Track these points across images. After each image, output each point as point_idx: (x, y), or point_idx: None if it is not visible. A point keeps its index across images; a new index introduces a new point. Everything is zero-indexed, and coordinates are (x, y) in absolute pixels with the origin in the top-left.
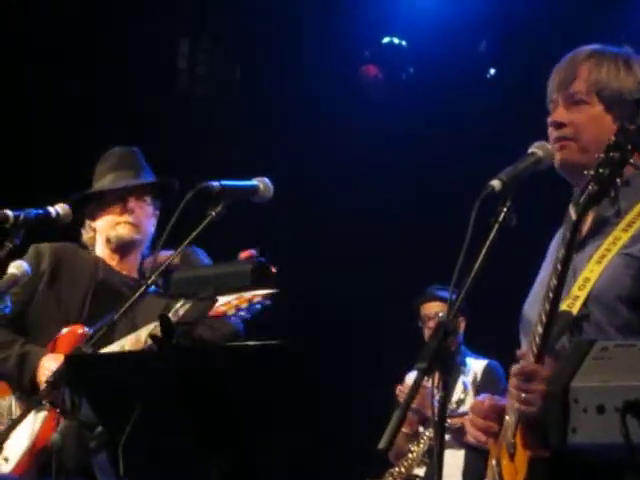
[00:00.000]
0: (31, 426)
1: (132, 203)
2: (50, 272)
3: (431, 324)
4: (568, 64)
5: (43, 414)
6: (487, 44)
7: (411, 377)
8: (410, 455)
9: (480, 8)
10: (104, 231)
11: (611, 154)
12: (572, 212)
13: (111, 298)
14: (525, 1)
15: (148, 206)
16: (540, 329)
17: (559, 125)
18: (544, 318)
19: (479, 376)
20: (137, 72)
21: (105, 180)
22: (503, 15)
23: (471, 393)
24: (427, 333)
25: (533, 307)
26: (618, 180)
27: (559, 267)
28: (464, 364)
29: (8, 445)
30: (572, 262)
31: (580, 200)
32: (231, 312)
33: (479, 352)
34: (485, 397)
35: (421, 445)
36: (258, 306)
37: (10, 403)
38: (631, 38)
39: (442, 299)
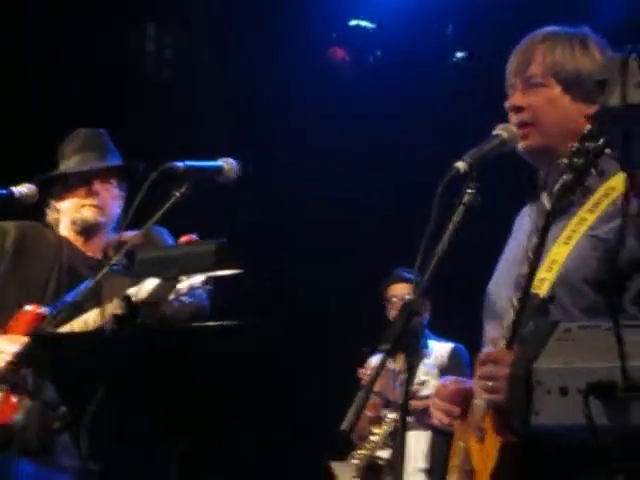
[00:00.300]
0: None
1: (97, 185)
2: (14, 250)
3: (397, 305)
4: (524, 48)
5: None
6: (454, 27)
7: (375, 360)
8: (373, 437)
9: None
10: (69, 213)
11: (586, 144)
12: (545, 201)
13: (75, 279)
14: None
15: (114, 188)
16: (512, 315)
17: (517, 109)
18: (517, 305)
19: (444, 359)
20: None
21: (71, 162)
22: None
23: (434, 375)
24: (392, 314)
25: (499, 289)
26: (593, 170)
27: (531, 255)
28: (426, 346)
29: None
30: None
31: (554, 190)
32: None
33: (443, 335)
34: (449, 379)
35: (384, 427)
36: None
37: None
38: (597, 22)
39: (408, 280)
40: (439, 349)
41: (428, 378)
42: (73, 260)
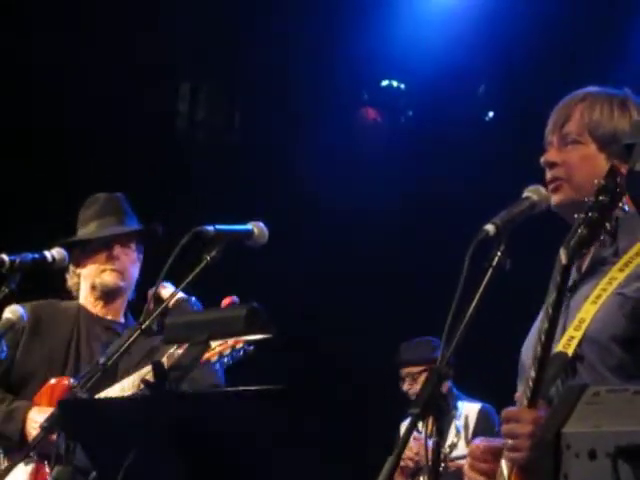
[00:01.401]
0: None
1: (117, 250)
2: (30, 329)
3: (406, 385)
4: (563, 106)
5: (31, 467)
6: (486, 88)
7: (405, 425)
8: None
9: (480, 51)
10: (89, 278)
11: (600, 197)
12: (562, 255)
13: (94, 347)
14: (525, 45)
15: (133, 252)
16: (533, 373)
17: (551, 165)
18: (537, 361)
19: (471, 420)
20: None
21: (90, 227)
22: (503, 59)
23: (463, 437)
24: (405, 387)
25: (529, 352)
26: (607, 224)
27: (550, 311)
28: (456, 408)
29: None
30: (569, 302)
31: (570, 243)
32: (214, 359)
33: (473, 396)
34: (480, 440)
35: None
36: (241, 352)
37: None
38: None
39: (408, 362)
40: (467, 409)
41: (458, 439)
42: (91, 328)
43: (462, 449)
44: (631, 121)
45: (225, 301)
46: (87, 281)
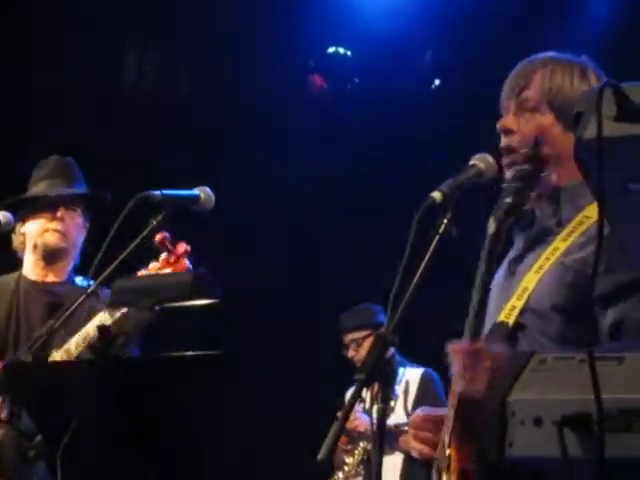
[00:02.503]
0: None
1: (62, 212)
2: None
3: (351, 352)
4: (522, 70)
5: None
6: (433, 55)
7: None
8: (346, 467)
9: (427, 18)
10: (32, 237)
11: (525, 166)
12: (491, 224)
13: (35, 312)
14: (472, 11)
15: (78, 217)
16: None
17: (507, 132)
18: (470, 331)
19: (413, 385)
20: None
21: (39, 187)
22: (450, 25)
23: (401, 402)
24: (351, 354)
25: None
26: (532, 193)
27: (479, 281)
28: (396, 374)
29: None
30: (514, 272)
31: (497, 213)
32: None
33: (417, 362)
34: (421, 410)
35: (356, 456)
36: None
37: None
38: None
39: (350, 328)
40: (409, 375)
41: (394, 404)
42: (31, 295)
43: (399, 415)
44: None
45: (158, 236)
46: (30, 240)
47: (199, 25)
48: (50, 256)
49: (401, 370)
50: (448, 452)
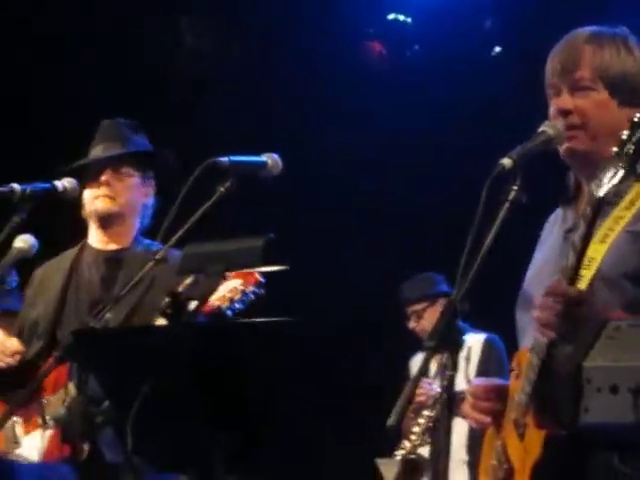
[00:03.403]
0: (38, 443)
1: (108, 175)
2: (33, 295)
3: (412, 323)
4: (568, 48)
5: (49, 432)
6: (492, 22)
7: (416, 360)
8: (412, 436)
9: None
10: (87, 205)
11: (625, 148)
12: (595, 189)
13: (95, 281)
14: None
15: (129, 177)
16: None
17: (566, 112)
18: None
19: (475, 351)
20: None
21: (92, 153)
22: None
23: (462, 368)
24: (412, 325)
25: (536, 287)
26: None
27: (578, 244)
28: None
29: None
30: (567, 243)
31: (611, 180)
32: (225, 305)
33: (480, 327)
34: (480, 380)
35: (421, 425)
36: (252, 296)
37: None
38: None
39: (412, 300)
40: (471, 341)
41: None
42: (93, 264)
43: (460, 383)
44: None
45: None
46: (87, 209)
47: None
48: (104, 222)
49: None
50: (524, 420)
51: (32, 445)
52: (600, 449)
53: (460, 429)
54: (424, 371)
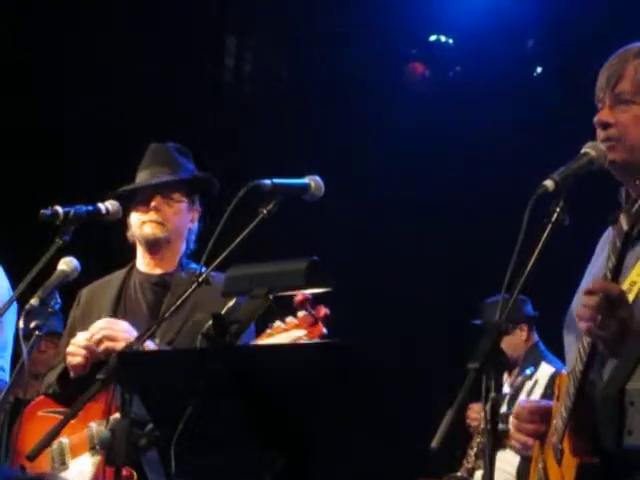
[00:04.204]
0: (85, 469)
1: (157, 201)
2: (81, 314)
3: None
4: (615, 62)
5: (97, 458)
6: (534, 43)
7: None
8: (469, 458)
9: (528, 6)
10: (134, 230)
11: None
12: (623, 221)
13: (142, 304)
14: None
15: (178, 203)
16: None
17: (604, 125)
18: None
19: (539, 385)
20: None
21: (140, 177)
22: (551, 13)
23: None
24: None
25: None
26: None
27: (609, 276)
28: (533, 367)
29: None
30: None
31: (632, 210)
32: None
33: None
34: (525, 401)
35: (474, 449)
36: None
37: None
38: None
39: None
40: (540, 372)
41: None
42: (140, 287)
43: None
44: None
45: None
46: (134, 234)
47: (298, 18)
48: (152, 247)
49: (541, 365)
50: (561, 446)
51: (80, 470)
52: (638, 475)
53: (512, 458)
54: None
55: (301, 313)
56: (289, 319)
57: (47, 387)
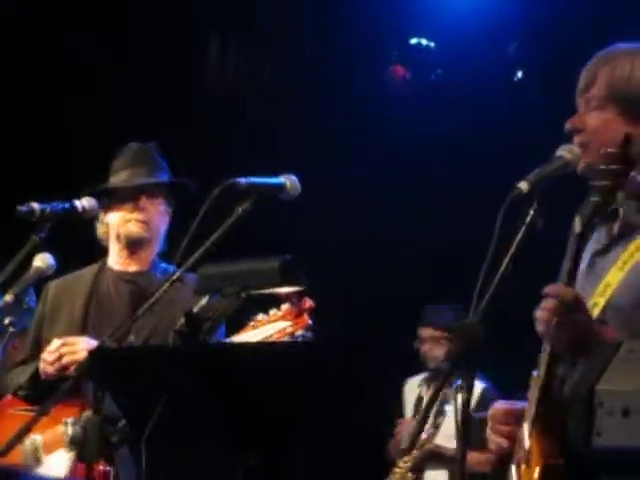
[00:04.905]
0: (62, 464)
1: (144, 201)
2: (50, 309)
3: (426, 347)
4: (590, 67)
5: (72, 454)
6: (516, 46)
7: (412, 382)
8: (397, 469)
9: (510, 10)
10: (115, 227)
11: (612, 166)
12: (577, 224)
13: (117, 301)
14: (555, 3)
15: (160, 205)
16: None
17: (577, 130)
18: None
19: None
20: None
21: (120, 176)
22: (533, 17)
23: (450, 421)
24: (422, 354)
25: None
26: (620, 192)
27: (565, 280)
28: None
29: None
30: (597, 265)
31: (584, 212)
32: None
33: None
34: (500, 402)
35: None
36: (299, 338)
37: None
38: None
39: (433, 325)
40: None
41: (440, 420)
42: (113, 284)
43: (445, 436)
44: None
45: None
46: (113, 230)
47: (280, 19)
48: (133, 246)
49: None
50: (528, 446)
51: (56, 465)
52: (605, 476)
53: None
54: (437, 396)
55: (285, 305)
56: (272, 311)
57: (17, 388)
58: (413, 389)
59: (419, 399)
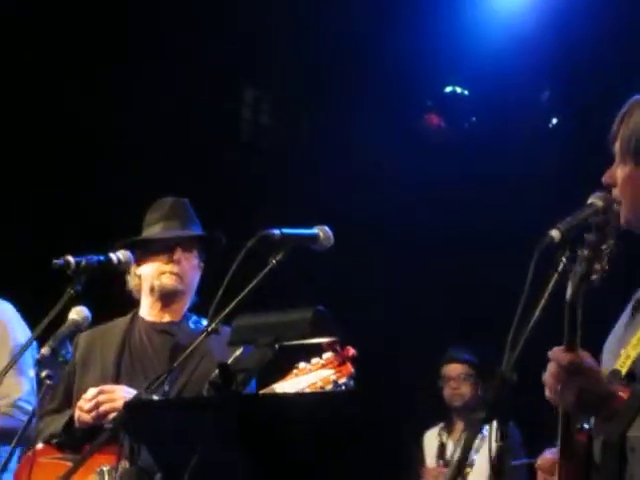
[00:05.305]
0: None
1: (179, 254)
2: (81, 360)
3: (452, 384)
4: (617, 120)
5: None
6: (550, 94)
7: (431, 432)
8: None
9: (543, 57)
10: (148, 279)
11: (591, 236)
12: (568, 290)
13: (150, 352)
14: (590, 50)
15: (194, 258)
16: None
17: (608, 186)
18: None
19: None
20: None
21: (154, 228)
22: (567, 64)
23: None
24: (447, 393)
25: (604, 362)
26: (604, 246)
27: (565, 345)
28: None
29: None
30: (636, 317)
31: (573, 280)
32: None
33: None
34: (549, 452)
35: None
36: (342, 387)
37: None
38: None
39: (461, 361)
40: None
41: (468, 470)
42: (146, 335)
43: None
44: None
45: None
46: (146, 282)
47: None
48: (167, 298)
49: None
50: None
51: None
52: None
53: None
54: (471, 444)
55: (327, 354)
56: (315, 360)
57: (50, 437)
58: (432, 439)
59: (441, 446)
